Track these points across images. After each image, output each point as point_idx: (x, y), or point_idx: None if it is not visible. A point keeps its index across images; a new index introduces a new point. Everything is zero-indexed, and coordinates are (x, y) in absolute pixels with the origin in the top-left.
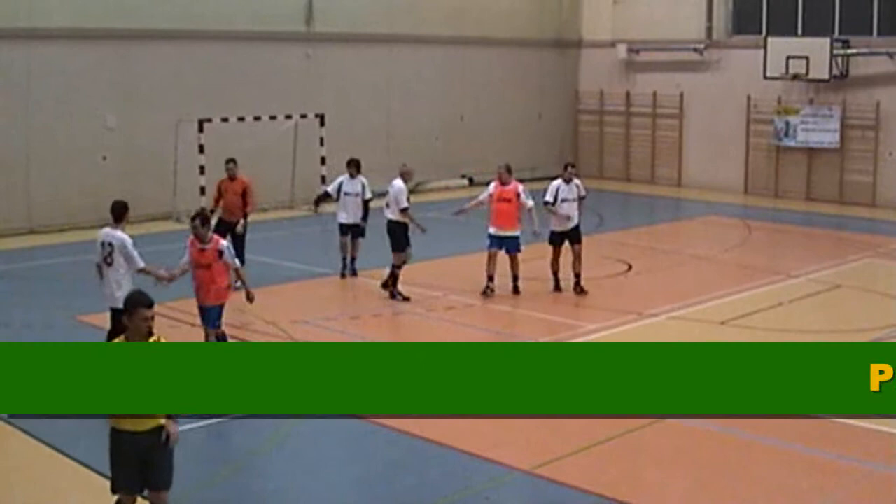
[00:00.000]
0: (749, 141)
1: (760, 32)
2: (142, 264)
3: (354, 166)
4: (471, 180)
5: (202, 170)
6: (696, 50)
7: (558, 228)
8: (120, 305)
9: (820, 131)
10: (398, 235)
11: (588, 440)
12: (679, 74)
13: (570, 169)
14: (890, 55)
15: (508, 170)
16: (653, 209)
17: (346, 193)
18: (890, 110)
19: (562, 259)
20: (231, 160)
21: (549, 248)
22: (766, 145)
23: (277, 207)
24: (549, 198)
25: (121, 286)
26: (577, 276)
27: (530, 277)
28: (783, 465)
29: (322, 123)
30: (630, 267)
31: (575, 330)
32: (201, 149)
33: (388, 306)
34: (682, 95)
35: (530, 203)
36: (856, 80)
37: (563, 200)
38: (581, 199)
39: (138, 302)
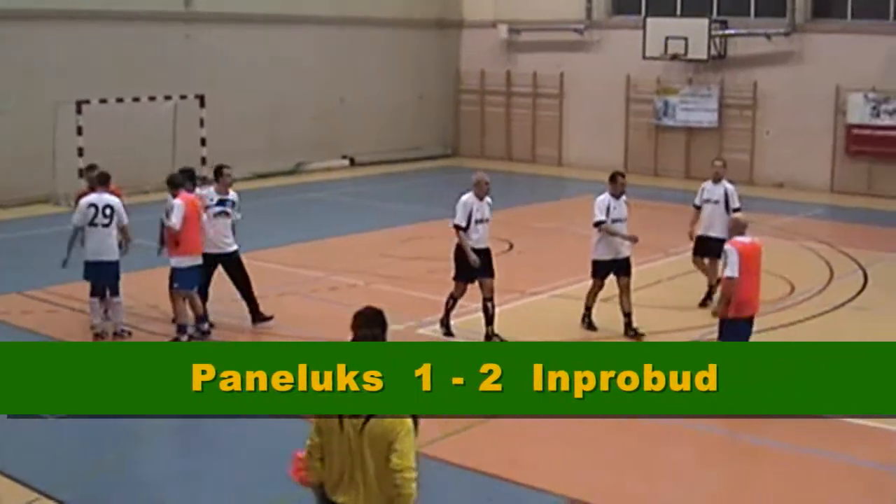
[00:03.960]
0: (629, 120)
1: (640, 13)
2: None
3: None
4: (352, 161)
5: (80, 152)
6: (576, 30)
7: (607, 257)
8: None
9: (699, 111)
10: (457, 261)
11: (466, 420)
12: (560, 54)
13: (620, 180)
14: (767, 36)
15: (171, 182)
16: (534, 188)
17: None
18: (767, 90)
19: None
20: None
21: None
22: (645, 125)
23: (158, 189)
24: (600, 216)
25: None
26: (628, 315)
27: (411, 258)
28: (661, 440)
29: (202, 104)
30: (511, 246)
31: (457, 309)
32: (79, 131)
33: (273, 287)
34: (562, 75)
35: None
36: (734, 60)
37: (616, 221)
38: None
39: None
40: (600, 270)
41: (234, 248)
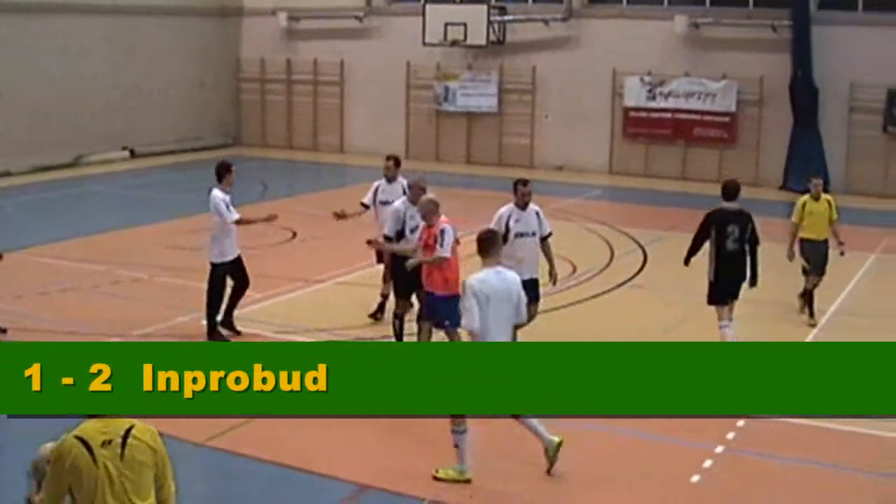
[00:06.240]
0: (410, 106)
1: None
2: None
3: None
4: (132, 152)
5: None
6: (356, 17)
7: None
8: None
9: (479, 96)
10: (397, 274)
11: None
12: (340, 42)
13: (521, 189)
14: (545, 21)
15: None
16: (317, 176)
17: None
18: (545, 75)
19: None
20: None
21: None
22: (426, 110)
23: None
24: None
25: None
26: None
27: (198, 248)
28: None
29: None
30: (295, 234)
31: (243, 299)
32: None
33: (56, 283)
34: (342, 63)
35: None
36: (513, 45)
37: (519, 235)
38: (544, 238)
39: None
40: None
41: None
